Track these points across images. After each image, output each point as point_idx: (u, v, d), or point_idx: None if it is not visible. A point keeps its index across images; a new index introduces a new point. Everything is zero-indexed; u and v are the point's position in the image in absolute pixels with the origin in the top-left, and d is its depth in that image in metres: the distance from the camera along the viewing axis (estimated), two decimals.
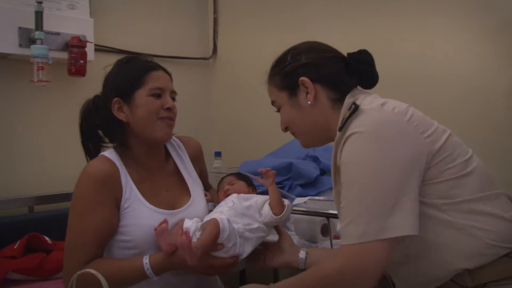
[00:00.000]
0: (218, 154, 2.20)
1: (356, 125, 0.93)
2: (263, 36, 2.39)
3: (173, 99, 1.25)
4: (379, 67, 1.11)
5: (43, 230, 1.80)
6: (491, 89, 1.69)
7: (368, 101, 1.00)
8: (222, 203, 1.25)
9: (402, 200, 0.87)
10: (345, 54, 1.11)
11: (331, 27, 2.10)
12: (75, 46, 1.97)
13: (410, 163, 0.89)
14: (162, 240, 1.11)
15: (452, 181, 0.92)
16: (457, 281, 0.91)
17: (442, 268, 0.93)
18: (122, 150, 1.24)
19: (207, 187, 1.46)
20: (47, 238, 1.78)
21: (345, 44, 1.15)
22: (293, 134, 1.15)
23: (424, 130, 0.93)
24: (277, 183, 1.75)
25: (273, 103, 1.16)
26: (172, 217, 1.20)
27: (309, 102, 1.06)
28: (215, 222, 1.09)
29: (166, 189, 1.27)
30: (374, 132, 0.91)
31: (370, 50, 1.11)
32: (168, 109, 1.21)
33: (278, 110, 1.15)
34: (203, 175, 1.44)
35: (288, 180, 1.77)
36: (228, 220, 1.11)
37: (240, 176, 1.42)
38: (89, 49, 2.02)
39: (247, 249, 1.15)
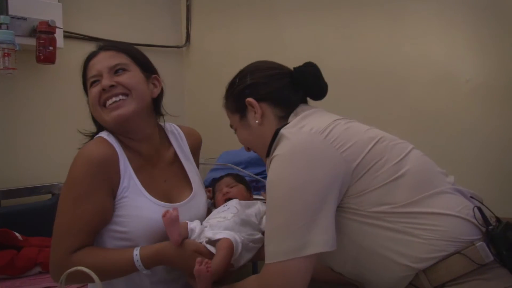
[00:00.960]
0: None
1: (276, 150, 0.98)
2: (237, 24, 2.38)
3: (120, 70, 1.16)
4: (352, 62, 1.13)
5: (12, 225, 1.74)
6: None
7: (294, 122, 1.03)
8: (223, 208, 1.23)
9: (318, 217, 0.90)
10: (292, 68, 1.14)
11: (302, 16, 2.11)
12: (44, 32, 1.88)
13: (325, 182, 0.91)
14: (173, 230, 1.07)
15: (383, 188, 0.93)
16: (416, 284, 0.92)
17: (396, 272, 0.93)
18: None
19: None
20: (17, 234, 1.72)
21: (313, 32, 1.15)
22: (255, 152, 1.18)
23: (342, 145, 0.95)
24: (258, 174, 1.76)
25: (230, 125, 1.20)
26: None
27: (257, 121, 1.09)
28: (229, 245, 1.07)
29: (164, 179, 1.22)
30: (289, 154, 0.95)
31: (337, 40, 1.12)
32: (104, 90, 1.13)
33: (235, 132, 1.18)
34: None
35: None
36: (241, 241, 1.10)
37: (238, 178, 1.42)
38: (58, 35, 1.94)
39: (245, 259, 1.14)
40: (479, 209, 0.93)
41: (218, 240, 1.08)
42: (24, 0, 1.88)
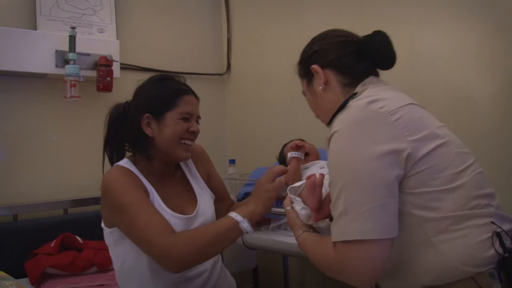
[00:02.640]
0: (232, 162, 2.34)
1: (337, 123, 0.93)
2: (272, 53, 2.56)
3: (197, 123, 1.32)
4: None
5: (75, 230, 1.96)
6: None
7: (365, 95, 0.97)
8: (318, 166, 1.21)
9: (382, 201, 0.84)
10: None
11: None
12: (103, 65, 2.16)
13: (387, 159, 0.85)
14: (313, 195, 1.04)
15: (435, 194, 0.87)
16: None
17: (403, 280, 0.91)
18: (138, 159, 1.29)
19: (224, 194, 1.50)
20: (78, 238, 1.94)
21: None
22: (318, 117, 1.16)
23: (411, 134, 0.88)
24: None
25: (303, 92, 1.18)
26: (187, 221, 1.25)
27: (320, 88, 1.08)
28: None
29: (176, 196, 1.31)
30: (348, 131, 0.90)
31: None
32: (193, 132, 1.29)
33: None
34: (214, 180, 1.48)
35: None
36: None
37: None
38: (115, 67, 2.21)
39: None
40: (499, 234, 0.86)
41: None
42: (88, 39, 2.19)
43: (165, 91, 1.29)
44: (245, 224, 1.16)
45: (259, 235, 1.88)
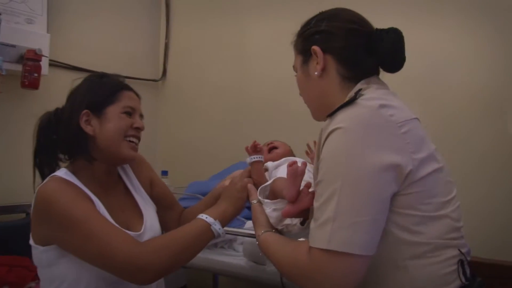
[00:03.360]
0: (165, 173, 2.26)
1: (342, 119, 0.85)
2: (211, 61, 2.54)
3: (142, 118, 1.26)
4: None
5: None
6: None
7: (373, 95, 0.90)
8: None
9: (374, 216, 0.81)
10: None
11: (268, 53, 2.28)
12: (30, 59, 1.97)
13: (389, 173, 0.82)
14: (293, 184, 0.98)
15: (421, 218, 0.86)
16: None
17: None
18: (78, 168, 1.18)
19: (172, 201, 1.43)
20: None
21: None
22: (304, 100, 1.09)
23: (415, 151, 0.85)
24: None
25: (293, 66, 1.10)
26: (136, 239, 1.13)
27: (316, 73, 0.99)
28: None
29: (121, 209, 1.22)
30: (355, 131, 0.83)
31: None
32: (137, 128, 1.22)
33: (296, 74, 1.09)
34: (159, 186, 1.40)
35: None
36: None
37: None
38: (44, 63, 2.03)
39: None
40: (461, 262, 0.88)
41: None
42: (15, 29, 1.98)
43: (105, 85, 1.21)
44: (217, 226, 1.11)
45: None
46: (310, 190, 1.00)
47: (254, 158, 1.23)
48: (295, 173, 0.99)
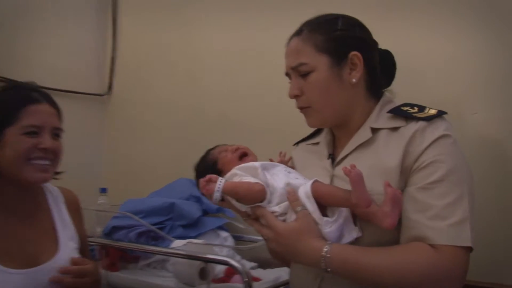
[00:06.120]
0: (103, 190, 2.13)
1: (447, 127, 0.94)
2: (160, 77, 2.47)
3: (57, 136, 1.15)
4: None
5: None
6: None
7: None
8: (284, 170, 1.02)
9: (472, 212, 0.90)
10: None
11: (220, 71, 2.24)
12: None
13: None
14: (363, 188, 0.89)
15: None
16: None
17: None
18: None
19: (85, 253, 1.30)
20: None
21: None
22: (301, 107, 1.03)
23: None
24: (158, 223, 1.77)
25: (299, 65, 1.00)
26: (26, 276, 1.05)
27: (354, 80, 0.98)
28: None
29: (31, 238, 1.12)
30: (457, 143, 0.94)
31: None
32: (44, 149, 1.10)
33: (288, 75, 1.03)
34: (81, 241, 1.28)
35: (170, 220, 1.78)
36: None
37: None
38: None
39: None
40: None
41: None
42: None
43: (3, 102, 1.11)
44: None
45: (126, 274, 1.72)
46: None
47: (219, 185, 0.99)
48: (361, 177, 0.89)
